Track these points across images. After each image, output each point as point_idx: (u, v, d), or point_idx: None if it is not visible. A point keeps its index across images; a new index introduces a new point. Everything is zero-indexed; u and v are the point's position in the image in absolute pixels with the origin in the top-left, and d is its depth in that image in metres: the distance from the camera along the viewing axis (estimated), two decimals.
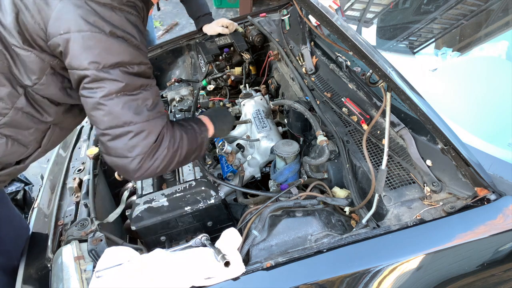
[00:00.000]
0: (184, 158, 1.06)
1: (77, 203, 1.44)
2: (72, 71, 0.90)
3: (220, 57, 2.26)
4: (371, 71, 1.16)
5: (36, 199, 1.64)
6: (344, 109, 1.51)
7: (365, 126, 1.38)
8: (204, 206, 1.37)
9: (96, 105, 0.91)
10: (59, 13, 0.85)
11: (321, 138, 1.40)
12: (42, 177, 1.84)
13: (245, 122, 1.85)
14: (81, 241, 1.21)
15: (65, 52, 0.88)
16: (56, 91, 1.00)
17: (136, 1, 0.93)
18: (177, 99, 2.03)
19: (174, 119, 1.79)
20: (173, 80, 2.20)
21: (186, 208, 1.36)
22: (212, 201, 1.37)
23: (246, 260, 1.08)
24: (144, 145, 0.96)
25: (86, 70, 0.87)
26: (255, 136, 1.74)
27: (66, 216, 1.39)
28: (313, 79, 1.78)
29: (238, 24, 2.36)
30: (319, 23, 1.74)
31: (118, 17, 0.88)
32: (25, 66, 0.93)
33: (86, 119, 1.78)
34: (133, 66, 0.92)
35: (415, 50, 1.73)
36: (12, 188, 2.52)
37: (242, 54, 2.25)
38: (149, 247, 1.43)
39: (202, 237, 1.07)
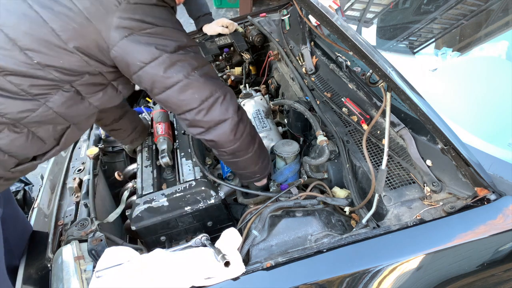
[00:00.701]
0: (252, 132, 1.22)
1: (77, 203, 1.44)
2: (145, 68, 0.99)
3: (220, 57, 2.26)
4: (371, 71, 1.16)
5: (36, 199, 1.64)
6: (344, 109, 1.51)
7: (365, 126, 1.38)
8: (204, 206, 1.37)
9: (183, 87, 1.02)
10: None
11: (321, 138, 1.40)
12: (42, 177, 1.84)
13: None
14: (81, 241, 1.21)
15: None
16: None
17: (168, 2, 1.06)
18: None
19: (175, 119, 1.80)
20: None
21: (186, 208, 1.36)
22: (212, 201, 1.37)
23: (246, 260, 1.08)
24: (233, 103, 1.12)
25: (159, 57, 0.98)
26: None
27: (66, 216, 1.39)
28: (313, 79, 1.78)
29: (238, 24, 2.36)
30: (319, 23, 1.74)
31: (161, 12, 1.01)
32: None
33: None
34: (191, 47, 1.06)
35: (415, 50, 1.73)
36: (12, 188, 2.51)
37: (242, 54, 2.25)
38: (149, 247, 1.43)
39: (202, 237, 1.07)
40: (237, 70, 2.38)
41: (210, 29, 2.23)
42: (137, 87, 1.85)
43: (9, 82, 0.91)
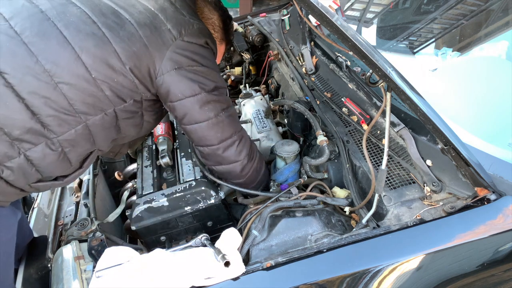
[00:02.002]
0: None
1: (77, 203, 1.44)
2: (183, 100, 1.10)
3: None
4: (371, 71, 1.16)
5: (36, 199, 1.64)
6: (344, 109, 1.51)
7: (365, 126, 1.37)
8: (204, 206, 1.37)
9: (211, 124, 1.15)
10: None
11: (321, 138, 1.40)
12: None
13: (245, 122, 1.85)
14: (81, 241, 1.21)
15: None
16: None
17: (211, 46, 1.20)
18: None
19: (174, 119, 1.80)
20: None
21: (186, 208, 1.36)
22: (212, 201, 1.37)
23: (246, 260, 1.08)
24: (247, 146, 1.26)
25: (198, 94, 1.10)
26: (255, 136, 1.74)
27: (66, 216, 1.39)
28: (313, 79, 1.78)
29: (238, 24, 2.36)
30: (319, 23, 1.74)
31: (206, 52, 1.15)
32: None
33: None
34: (223, 88, 1.19)
35: (415, 50, 1.73)
36: None
37: (242, 54, 2.25)
38: (149, 247, 1.43)
39: (202, 237, 1.07)
40: (237, 70, 2.38)
41: None
42: None
43: (61, 92, 0.95)
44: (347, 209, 1.24)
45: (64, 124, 0.98)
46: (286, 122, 1.81)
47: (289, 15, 2.21)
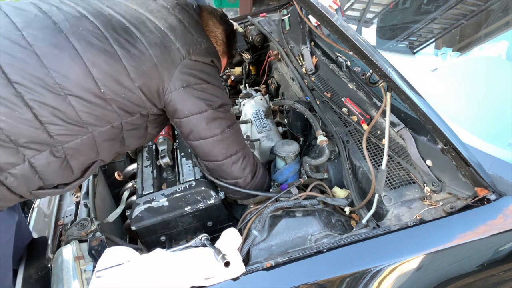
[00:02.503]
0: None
1: (77, 203, 1.44)
2: (190, 117, 1.12)
3: None
4: (371, 71, 1.16)
5: (36, 199, 1.63)
6: (344, 109, 1.51)
7: (365, 126, 1.37)
8: (204, 206, 1.37)
9: (216, 141, 1.17)
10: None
11: (321, 138, 1.40)
12: None
13: (245, 122, 1.85)
14: (81, 241, 1.21)
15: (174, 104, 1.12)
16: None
17: (216, 63, 1.23)
18: None
19: None
20: None
21: (186, 208, 1.36)
22: (212, 201, 1.37)
23: (246, 260, 1.08)
24: (250, 163, 1.29)
25: (205, 112, 1.12)
26: (255, 136, 1.74)
27: (66, 216, 1.39)
28: (313, 79, 1.78)
29: (238, 24, 2.36)
30: (319, 23, 1.74)
31: (212, 70, 1.19)
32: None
33: None
34: (228, 105, 1.21)
35: (415, 50, 1.73)
36: None
37: (242, 54, 2.25)
38: (149, 247, 1.43)
39: (202, 237, 1.07)
40: (237, 70, 2.38)
41: None
42: None
43: (69, 104, 0.96)
44: (347, 209, 1.24)
45: (71, 133, 1.00)
46: (286, 122, 1.81)
47: (289, 15, 2.21)
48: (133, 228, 1.35)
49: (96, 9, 1.06)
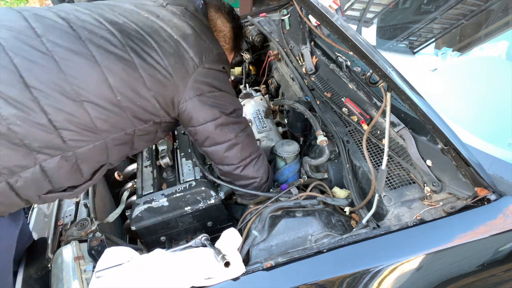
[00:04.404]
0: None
1: (77, 203, 1.44)
2: (205, 125, 1.14)
3: None
4: (371, 71, 1.16)
5: None
6: (344, 109, 1.51)
7: (365, 126, 1.37)
8: (204, 206, 1.37)
9: (231, 145, 1.20)
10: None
11: (321, 138, 1.40)
12: None
13: None
14: (81, 241, 1.21)
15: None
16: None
17: (227, 69, 1.25)
18: None
19: None
20: None
21: (186, 208, 1.36)
22: (212, 201, 1.37)
23: (246, 260, 1.08)
24: (265, 165, 1.33)
25: (219, 118, 1.14)
26: (255, 136, 1.74)
27: (66, 216, 1.39)
28: (313, 79, 1.78)
29: None
30: (319, 23, 1.74)
31: (224, 77, 1.21)
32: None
33: None
34: (240, 110, 1.25)
35: (415, 50, 1.73)
36: None
37: (242, 54, 2.25)
38: (149, 247, 1.43)
39: (202, 237, 1.07)
40: (237, 70, 2.38)
41: None
42: None
43: (85, 110, 0.96)
44: (347, 209, 1.24)
45: (84, 139, 1.00)
46: (286, 122, 1.81)
47: (289, 15, 2.21)
48: (133, 228, 1.35)
49: (110, 18, 1.06)
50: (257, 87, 2.26)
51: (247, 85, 2.20)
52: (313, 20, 1.77)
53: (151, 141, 1.24)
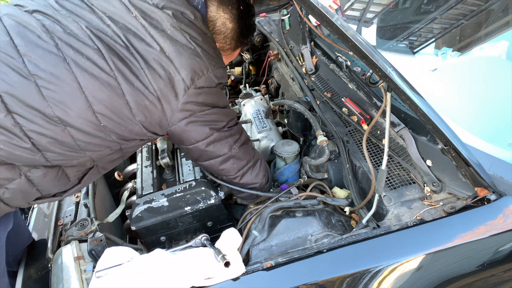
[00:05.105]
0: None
1: (77, 203, 1.44)
2: (197, 144, 1.13)
3: None
4: (371, 71, 1.16)
5: None
6: (344, 109, 1.51)
7: (365, 126, 1.37)
8: (204, 206, 1.37)
9: (226, 158, 1.18)
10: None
11: (321, 138, 1.40)
12: None
13: (245, 122, 1.85)
14: (81, 241, 1.21)
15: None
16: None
17: (222, 81, 1.18)
18: None
19: None
20: None
21: (186, 208, 1.36)
22: (212, 201, 1.37)
23: (246, 260, 1.08)
24: (263, 169, 1.31)
25: (210, 136, 1.12)
26: (255, 136, 1.74)
27: (66, 216, 1.39)
28: (313, 79, 1.78)
29: None
30: (319, 23, 1.74)
31: (218, 92, 1.14)
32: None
33: None
34: (233, 120, 1.21)
35: (415, 50, 1.73)
36: None
37: (242, 54, 2.25)
38: (149, 247, 1.43)
39: (202, 237, 1.07)
40: (237, 70, 2.38)
41: None
42: None
43: (68, 134, 0.95)
44: (347, 209, 1.24)
45: (68, 159, 1.00)
46: (286, 122, 1.81)
47: (289, 15, 2.22)
48: (133, 228, 1.35)
49: (97, 26, 0.98)
50: (257, 87, 2.26)
51: (247, 85, 2.20)
52: (313, 20, 1.77)
53: (141, 146, 1.23)
